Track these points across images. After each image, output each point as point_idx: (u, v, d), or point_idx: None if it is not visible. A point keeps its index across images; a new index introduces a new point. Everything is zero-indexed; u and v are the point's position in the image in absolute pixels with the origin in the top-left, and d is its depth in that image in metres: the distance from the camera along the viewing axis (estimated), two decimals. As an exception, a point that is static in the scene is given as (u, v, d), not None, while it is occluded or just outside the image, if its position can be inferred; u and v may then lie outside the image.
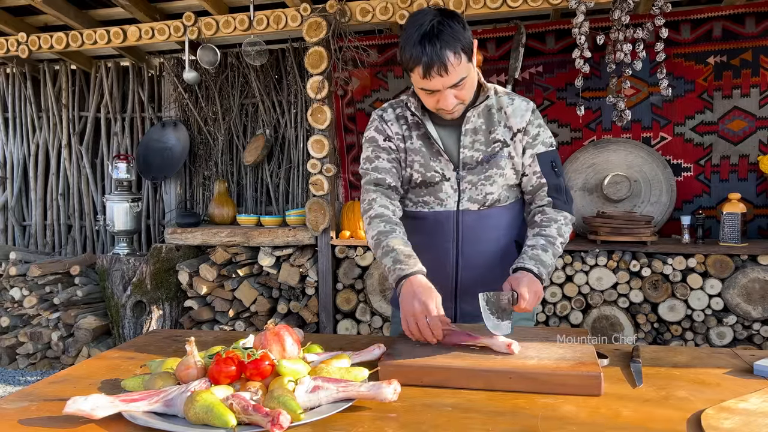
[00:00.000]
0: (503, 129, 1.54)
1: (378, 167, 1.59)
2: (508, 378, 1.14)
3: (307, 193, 4.23)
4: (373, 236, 1.53)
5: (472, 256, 1.57)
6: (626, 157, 3.56)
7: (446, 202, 1.56)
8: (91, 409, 0.97)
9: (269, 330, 1.16)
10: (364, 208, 1.60)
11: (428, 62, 1.35)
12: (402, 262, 1.42)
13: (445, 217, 1.57)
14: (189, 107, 4.41)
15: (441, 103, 1.44)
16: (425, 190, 1.58)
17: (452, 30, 1.35)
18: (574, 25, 3.01)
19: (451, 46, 1.34)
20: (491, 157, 1.53)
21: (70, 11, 3.93)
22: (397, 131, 1.59)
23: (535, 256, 1.46)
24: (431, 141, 1.55)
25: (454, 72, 1.37)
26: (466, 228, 1.56)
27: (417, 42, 1.35)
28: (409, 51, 1.37)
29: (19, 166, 4.80)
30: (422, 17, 1.38)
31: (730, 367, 1.28)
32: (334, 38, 3.57)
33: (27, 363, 4.11)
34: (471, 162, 1.54)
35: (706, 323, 3.23)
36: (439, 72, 1.36)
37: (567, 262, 3.34)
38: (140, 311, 3.86)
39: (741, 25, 3.42)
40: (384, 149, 1.59)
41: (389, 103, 1.64)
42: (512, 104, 1.56)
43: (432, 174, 1.55)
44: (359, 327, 3.73)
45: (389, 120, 1.60)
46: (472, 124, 1.54)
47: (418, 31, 1.35)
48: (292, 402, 0.97)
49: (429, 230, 1.59)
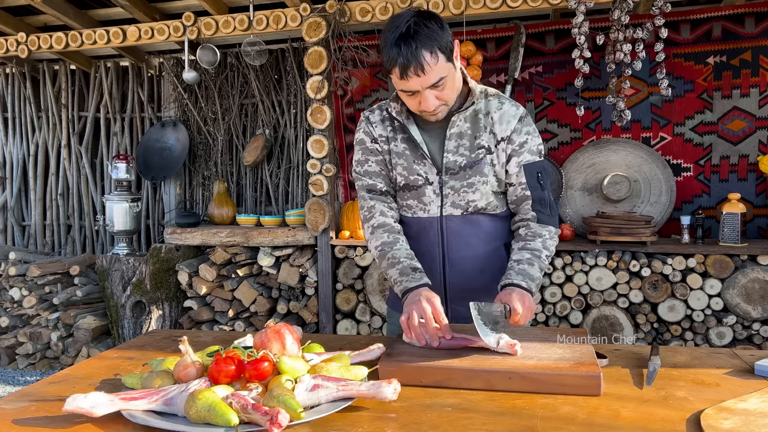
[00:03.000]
0: (488, 135, 1.52)
1: (368, 172, 1.60)
2: (508, 378, 1.14)
3: (306, 193, 4.23)
4: (377, 246, 1.55)
5: (459, 261, 1.57)
6: (626, 157, 3.56)
7: (429, 207, 1.56)
8: (91, 406, 0.96)
9: (270, 328, 1.16)
10: (365, 215, 1.61)
11: (404, 63, 1.34)
12: (408, 274, 1.45)
13: (429, 223, 1.57)
14: (188, 107, 4.41)
15: (422, 104, 1.43)
16: (408, 194, 1.58)
17: (429, 30, 1.35)
18: (573, 25, 3.01)
19: (427, 45, 1.34)
20: (474, 163, 1.52)
21: (70, 11, 3.93)
22: (381, 133, 1.59)
23: (522, 270, 1.45)
24: (415, 144, 1.54)
25: (432, 72, 1.36)
26: (450, 233, 1.56)
27: (393, 43, 1.35)
28: (386, 53, 1.37)
29: (18, 166, 4.80)
30: (399, 19, 1.38)
31: (729, 367, 1.28)
32: (334, 38, 3.57)
33: (26, 363, 4.11)
34: (454, 167, 1.52)
35: (706, 323, 3.23)
36: (416, 72, 1.35)
37: (567, 262, 3.34)
38: (140, 311, 3.86)
39: (741, 25, 3.42)
40: (371, 151, 1.60)
41: (378, 104, 1.64)
42: (500, 109, 1.53)
43: (415, 177, 1.55)
44: (359, 327, 3.72)
45: (374, 122, 1.60)
46: (458, 128, 1.52)
47: (395, 32, 1.35)
48: (292, 401, 0.97)
49: (414, 235, 1.59)
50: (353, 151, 1.66)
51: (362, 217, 1.62)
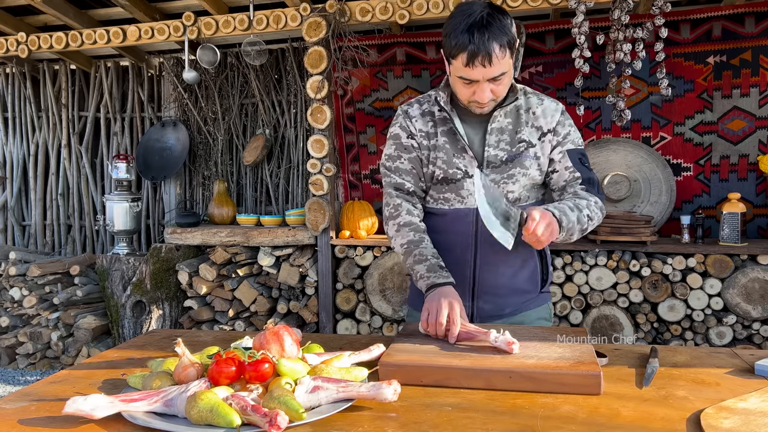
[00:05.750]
0: (530, 129, 1.54)
1: (399, 169, 1.60)
2: (508, 377, 1.14)
3: (306, 193, 4.23)
4: (402, 244, 1.56)
5: (490, 254, 1.56)
6: (626, 156, 3.56)
7: (467, 200, 1.56)
8: (91, 409, 0.97)
9: (269, 330, 1.16)
10: (390, 213, 1.61)
11: (474, 50, 1.35)
12: (436, 272, 1.48)
13: (465, 214, 1.57)
14: (189, 107, 4.40)
15: (477, 95, 1.44)
16: (446, 187, 1.57)
17: (501, 23, 1.36)
18: (573, 25, 3.01)
19: (498, 38, 1.35)
20: (515, 157, 1.53)
21: (70, 11, 3.93)
22: (422, 128, 1.58)
23: (559, 207, 1.43)
24: (457, 137, 1.54)
25: (498, 65, 1.38)
26: (484, 226, 1.56)
27: (465, 30, 1.36)
28: (455, 38, 1.37)
29: (18, 166, 4.80)
30: (471, 7, 1.39)
31: (729, 366, 1.28)
32: (334, 38, 3.57)
33: (27, 363, 4.11)
34: (495, 161, 1.53)
35: (706, 323, 3.23)
36: (482, 62, 1.36)
37: (567, 262, 3.34)
38: (140, 311, 3.86)
39: (741, 24, 3.42)
40: (406, 148, 1.60)
41: (416, 98, 1.64)
42: (542, 105, 1.56)
43: (454, 171, 1.55)
44: (359, 327, 3.73)
45: (414, 116, 1.60)
46: (499, 123, 1.54)
47: (467, 20, 1.36)
48: (293, 402, 0.97)
49: (448, 227, 1.59)
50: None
51: (386, 214, 1.62)
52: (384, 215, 1.65)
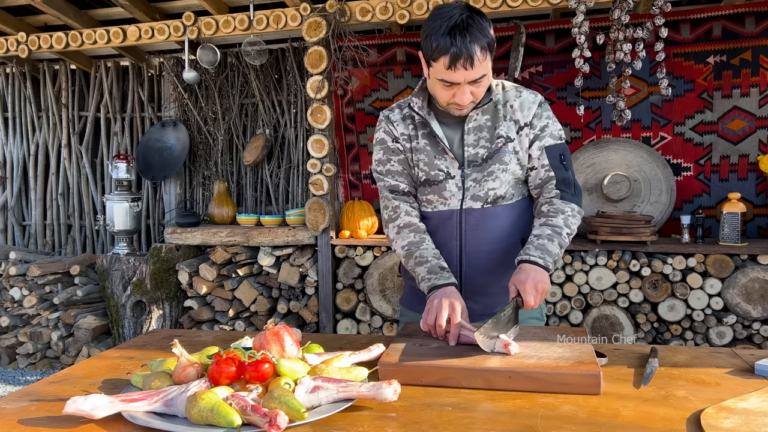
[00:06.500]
0: (509, 123, 1.54)
1: (391, 171, 1.61)
2: (508, 377, 1.14)
3: (306, 193, 4.23)
4: (403, 246, 1.57)
5: (475, 255, 1.58)
6: (626, 156, 3.56)
7: (450, 201, 1.57)
8: (91, 409, 0.97)
9: (269, 330, 1.16)
10: (390, 215, 1.62)
11: (456, 53, 1.35)
12: (436, 273, 1.48)
13: (448, 216, 1.57)
14: (189, 107, 4.40)
15: (457, 97, 1.44)
16: (429, 189, 1.59)
17: (481, 26, 1.37)
18: (573, 25, 3.01)
19: (479, 41, 1.36)
20: (494, 153, 1.53)
21: (70, 11, 3.93)
22: (403, 131, 1.60)
23: (540, 246, 1.45)
24: (436, 139, 1.55)
25: (479, 67, 1.38)
26: (468, 227, 1.57)
27: (446, 32, 1.36)
28: (436, 41, 1.37)
29: (18, 166, 4.80)
30: (450, 10, 1.39)
31: (729, 366, 1.28)
32: (334, 38, 3.57)
33: (27, 363, 4.11)
34: (476, 159, 1.54)
35: (706, 323, 3.23)
36: (464, 65, 1.36)
37: (567, 262, 3.34)
38: (140, 311, 3.86)
39: (741, 24, 3.42)
40: (393, 151, 1.61)
41: (396, 103, 1.66)
42: (519, 97, 1.56)
43: (436, 173, 1.56)
44: (359, 327, 3.73)
45: (395, 120, 1.61)
46: (476, 122, 1.54)
47: (447, 22, 1.36)
48: (294, 401, 0.97)
49: (432, 230, 1.60)
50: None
51: (386, 217, 1.63)
52: (383, 218, 1.65)
